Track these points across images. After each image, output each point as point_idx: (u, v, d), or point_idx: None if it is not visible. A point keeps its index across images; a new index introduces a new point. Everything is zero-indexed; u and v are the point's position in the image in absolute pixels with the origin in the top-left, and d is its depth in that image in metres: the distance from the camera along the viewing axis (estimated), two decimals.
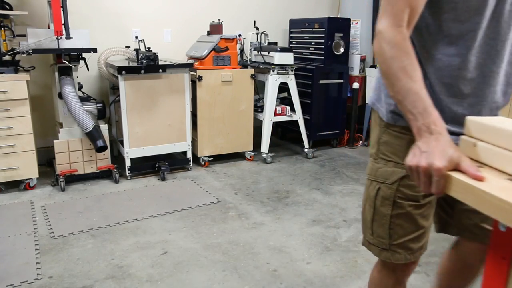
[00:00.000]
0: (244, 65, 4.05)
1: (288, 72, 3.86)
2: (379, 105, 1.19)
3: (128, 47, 3.79)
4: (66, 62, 3.15)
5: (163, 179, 3.43)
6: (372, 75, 4.35)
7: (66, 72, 3.18)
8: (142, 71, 3.27)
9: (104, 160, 3.38)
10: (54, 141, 3.20)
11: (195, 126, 3.72)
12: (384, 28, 0.96)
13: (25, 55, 2.91)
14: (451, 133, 0.93)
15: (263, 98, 4.00)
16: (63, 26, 2.97)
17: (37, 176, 3.16)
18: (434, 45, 1.04)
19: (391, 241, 1.18)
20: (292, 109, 4.05)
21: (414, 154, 0.88)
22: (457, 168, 0.83)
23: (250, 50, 4.23)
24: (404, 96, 0.92)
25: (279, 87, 3.89)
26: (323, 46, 4.19)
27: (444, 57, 1.03)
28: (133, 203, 2.97)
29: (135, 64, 3.38)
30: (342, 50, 4.23)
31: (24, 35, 3.06)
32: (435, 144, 0.85)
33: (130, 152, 3.40)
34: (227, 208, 2.91)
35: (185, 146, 3.63)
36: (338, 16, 4.77)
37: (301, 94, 4.09)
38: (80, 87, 3.37)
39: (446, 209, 1.25)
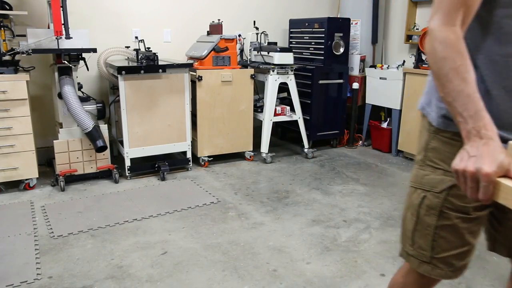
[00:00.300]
0: (244, 65, 4.05)
1: (288, 72, 3.86)
2: (429, 109, 1.12)
3: (128, 47, 3.79)
4: (66, 62, 3.15)
5: (163, 179, 3.43)
6: (372, 75, 4.36)
7: (66, 72, 3.18)
8: (142, 71, 3.27)
9: (104, 160, 3.38)
10: (54, 141, 3.19)
11: (195, 126, 3.72)
12: (436, 26, 0.91)
13: (25, 55, 2.91)
14: (507, 140, 0.88)
15: (263, 98, 4.01)
16: (63, 26, 2.97)
17: (37, 176, 3.16)
18: (488, 45, 0.98)
19: (432, 253, 1.12)
20: (292, 109, 4.05)
21: (461, 158, 0.85)
22: (507, 175, 0.80)
23: (250, 50, 4.23)
24: (455, 98, 0.88)
25: (279, 87, 3.89)
26: (323, 46, 4.19)
27: (501, 58, 0.97)
28: (133, 203, 2.97)
29: (135, 64, 3.38)
30: (342, 50, 4.23)
31: (24, 35, 3.06)
32: (484, 148, 0.82)
33: (130, 152, 3.40)
34: (227, 208, 2.91)
35: (185, 146, 3.63)
36: (338, 16, 4.77)
37: (301, 94, 4.09)
38: (80, 87, 3.37)
39: (494, 224, 1.17)
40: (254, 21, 4.20)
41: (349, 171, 3.75)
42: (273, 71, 3.80)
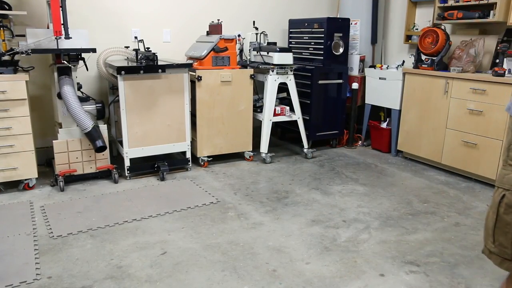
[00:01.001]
0: (244, 65, 4.05)
1: (287, 72, 3.86)
2: None
3: (127, 47, 3.78)
4: (65, 62, 3.14)
5: (163, 179, 3.43)
6: (371, 75, 4.35)
7: (65, 72, 3.18)
8: (142, 71, 3.27)
9: (104, 160, 3.38)
10: (53, 141, 3.19)
11: (194, 126, 3.72)
12: None
13: (24, 55, 2.90)
14: None
15: (263, 98, 4.01)
16: (62, 26, 2.96)
17: (36, 176, 3.16)
18: None
19: None
20: (292, 109, 4.05)
21: None
22: None
23: (249, 50, 4.23)
24: None
25: (279, 87, 3.89)
26: (322, 46, 4.19)
27: None
28: (132, 203, 2.97)
29: (135, 64, 3.37)
30: (341, 50, 4.23)
31: (23, 35, 3.06)
32: None
33: (129, 152, 3.40)
34: (227, 208, 2.91)
35: (184, 146, 3.63)
36: (338, 16, 4.77)
37: (300, 94, 4.09)
38: (80, 87, 3.37)
39: None
40: (254, 21, 4.20)
41: (348, 171, 3.75)
42: (272, 71, 3.80)
